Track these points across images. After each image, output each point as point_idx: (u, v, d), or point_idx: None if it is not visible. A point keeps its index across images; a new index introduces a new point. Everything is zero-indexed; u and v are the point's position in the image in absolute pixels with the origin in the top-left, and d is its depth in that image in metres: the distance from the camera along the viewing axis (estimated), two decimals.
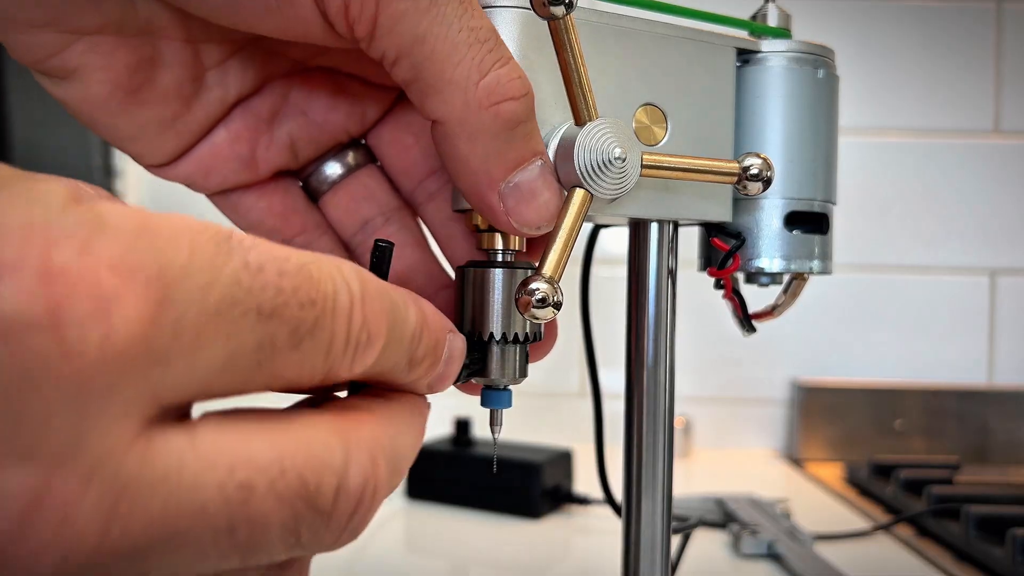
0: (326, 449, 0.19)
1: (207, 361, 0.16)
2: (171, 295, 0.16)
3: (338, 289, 0.19)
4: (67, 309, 0.14)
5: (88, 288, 0.15)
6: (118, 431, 0.15)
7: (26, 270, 0.14)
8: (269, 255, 0.17)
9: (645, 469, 0.32)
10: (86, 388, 0.15)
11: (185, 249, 0.16)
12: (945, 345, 0.88)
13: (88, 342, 0.14)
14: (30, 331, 0.14)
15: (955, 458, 0.77)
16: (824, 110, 0.32)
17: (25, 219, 0.14)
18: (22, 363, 0.14)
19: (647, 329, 0.32)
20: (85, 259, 0.15)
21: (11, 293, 0.14)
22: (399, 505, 0.62)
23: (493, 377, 0.28)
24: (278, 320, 0.17)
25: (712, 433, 0.87)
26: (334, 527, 0.19)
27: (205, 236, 0.17)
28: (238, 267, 0.17)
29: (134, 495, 0.16)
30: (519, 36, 0.27)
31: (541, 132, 0.27)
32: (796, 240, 0.32)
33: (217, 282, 0.16)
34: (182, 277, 0.16)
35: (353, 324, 0.19)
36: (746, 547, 0.52)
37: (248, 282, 0.17)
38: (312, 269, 0.18)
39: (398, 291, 0.22)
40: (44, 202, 0.15)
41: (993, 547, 0.51)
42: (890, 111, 0.88)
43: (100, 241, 0.15)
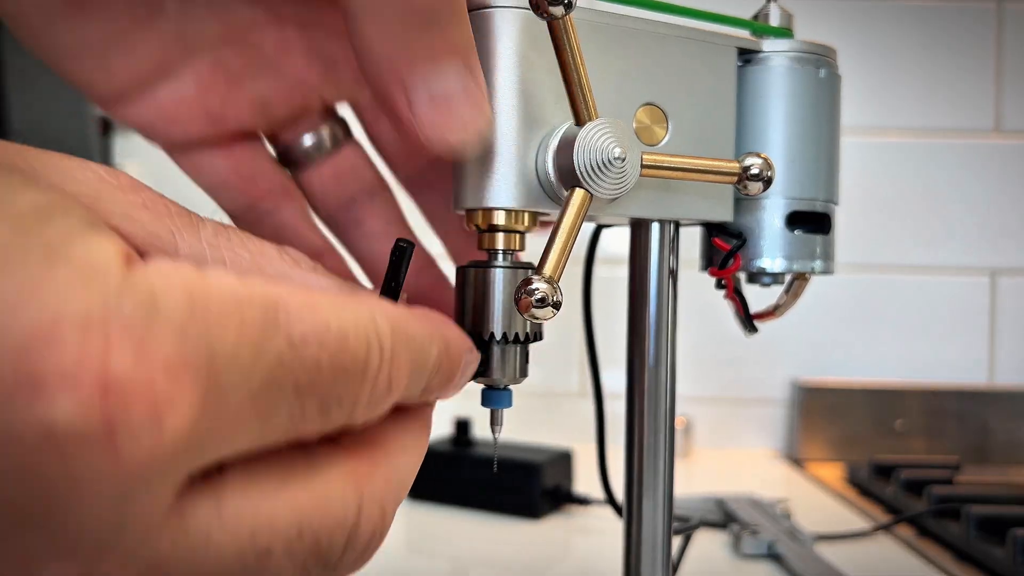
0: (342, 506, 0.19)
1: (241, 439, 0.17)
2: (218, 382, 0.16)
3: (371, 350, 0.19)
4: (122, 421, 0.14)
5: (143, 397, 0.15)
6: (154, 513, 0.16)
7: (83, 381, 0.14)
8: (313, 326, 0.18)
9: (646, 469, 0.32)
10: (131, 486, 0.15)
11: (234, 329, 0.16)
12: (946, 345, 0.88)
13: (139, 449, 0.15)
14: (84, 445, 0.14)
15: (956, 458, 0.76)
16: (826, 109, 0.32)
17: (83, 308, 0.14)
18: (73, 474, 0.14)
19: (648, 329, 0.32)
20: (141, 365, 0.15)
21: (68, 407, 0.14)
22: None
23: (494, 377, 0.28)
24: (311, 395, 0.18)
25: (713, 433, 0.87)
26: (338, 573, 0.20)
27: (254, 311, 0.17)
28: (282, 345, 0.17)
29: (164, 572, 0.16)
30: (518, 36, 0.27)
31: (541, 132, 0.27)
32: (798, 240, 0.32)
33: (261, 362, 0.17)
34: (229, 363, 0.16)
35: (379, 384, 0.19)
36: (746, 547, 0.52)
37: (290, 359, 0.17)
38: (350, 335, 0.18)
39: (424, 324, 0.22)
40: (103, 281, 0.15)
41: (994, 547, 0.51)
42: (891, 111, 0.88)
43: (154, 335, 0.15)
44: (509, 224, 0.27)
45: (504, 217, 0.27)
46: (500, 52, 0.27)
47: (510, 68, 0.27)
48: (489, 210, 0.27)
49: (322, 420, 0.18)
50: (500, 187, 0.27)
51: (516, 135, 0.27)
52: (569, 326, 0.72)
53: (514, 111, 0.27)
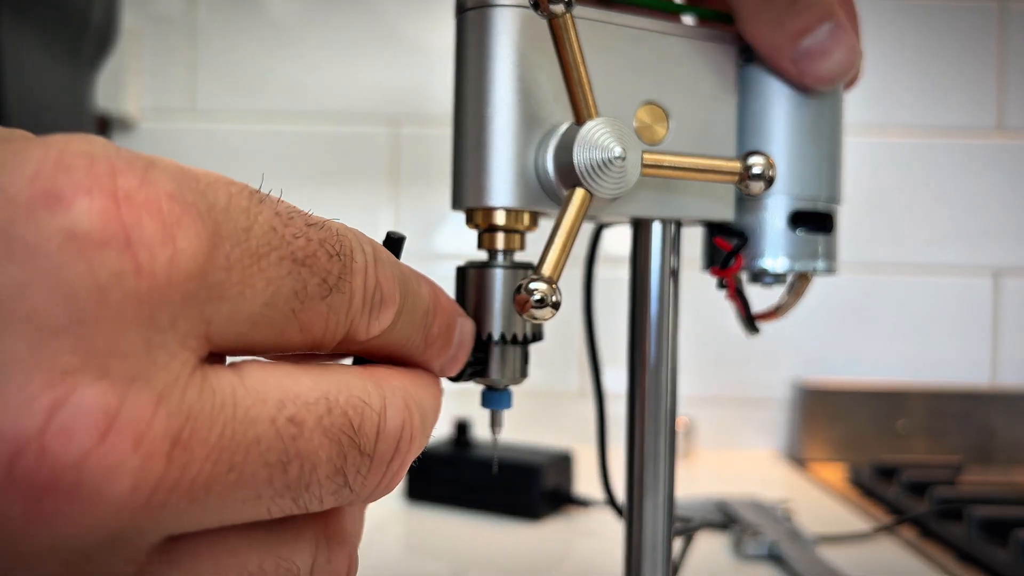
0: (365, 392, 0.19)
1: (251, 302, 0.17)
2: (221, 230, 0.16)
3: (354, 247, 0.20)
4: (137, 230, 0.15)
5: (154, 213, 0.15)
6: (182, 358, 0.16)
7: (96, 192, 0.15)
8: (295, 208, 0.18)
9: (647, 470, 0.31)
10: (156, 310, 0.15)
11: (224, 194, 0.17)
12: (948, 346, 0.87)
13: (157, 263, 0.15)
14: (105, 248, 0.15)
15: (958, 459, 0.76)
16: (828, 108, 0.31)
17: (87, 150, 0.15)
18: (98, 278, 0.15)
19: (649, 329, 0.31)
20: (147, 187, 0.15)
21: (85, 212, 0.15)
22: (398, 507, 0.62)
23: (493, 377, 0.28)
24: (310, 268, 0.18)
25: (714, 434, 0.87)
26: (376, 469, 0.19)
27: (238, 186, 0.18)
28: (271, 215, 0.18)
29: (196, 423, 0.16)
30: (519, 35, 0.26)
31: (541, 131, 0.27)
32: (800, 239, 0.31)
33: (255, 226, 0.17)
34: (226, 217, 0.17)
35: (368, 282, 0.20)
36: (748, 549, 0.52)
37: (281, 230, 0.18)
38: (331, 224, 0.19)
39: (410, 268, 0.23)
40: (100, 142, 0.16)
41: (997, 548, 0.50)
42: (892, 109, 0.88)
43: (156, 174, 0.16)
44: (509, 224, 0.27)
45: (504, 217, 0.27)
46: (500, 51, 0.26)
47: (510, 67, 0.26)
48: (489, 210, 0.27)
49: (326, 306, 0.19)
50: (500, 186, 0.27)
51: (516, 134, 0.27)
52: (569, 326, 0.72)
53: (514, 110, 0.26)
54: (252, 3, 0.89)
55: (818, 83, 0.30)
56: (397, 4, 0.89)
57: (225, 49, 0.89)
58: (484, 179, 0.27)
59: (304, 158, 0.88)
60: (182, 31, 0.89)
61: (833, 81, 0.30)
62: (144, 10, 0.88)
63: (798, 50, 0.29)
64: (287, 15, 0.89)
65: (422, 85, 0.88)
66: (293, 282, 0.18)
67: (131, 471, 0.15)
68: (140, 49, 0.88)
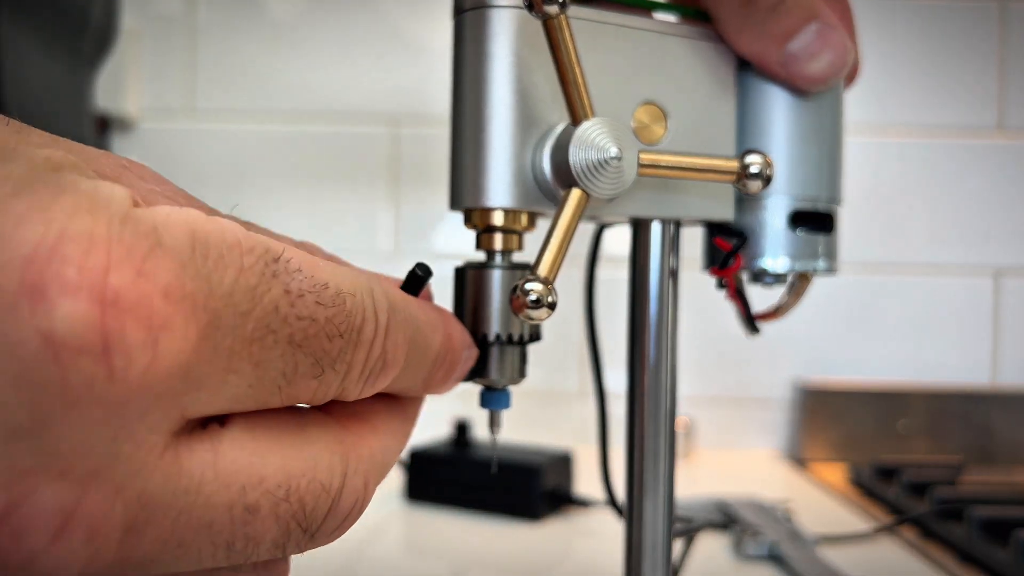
0: (328, 473, 0.19)
1: (235, 385, 0.17)
2: (215, 321, 0.16)
3: (366, 319, 0.19)
4: (118, 336, 0.15)
5: (141, 315, 0.15)
6: (148, 447, 0.16)
7: (83, 292, 0.14)
8: (311, 283, 0.18)
9: (647, 470, 0.31)
10: (124, 409, 0.15)
11: (233, 271, 0.16)
12: (949, 346, 0.87)
13: (133, 368, 0.15)
14: (80, 355, 0.14)
15: (959, 459, 0.76)
16: (829, 108, 0.31)
17: (88, 228, 0.15)
18: (68, 384, 0.14)
19: (649, 329, 0.31)
20: (141, 284, 0.15)
21: (67, 314, 0.14)
22: (398, 507, 0.62)
23: (492, 378, 0.27)
24: (305, 351, 0.18)
25: (714, 434, 0.87)
26: (316, 541, 0.20)
27: (253, 258, 0.17)
28: (279, 295, 0.17)
29: (153, 511, 0.16)
30: (516, 36, 0.26)
31: (538, 132, 0.27)
32: (801, 239, 0.31)
33: (258, 309, 0.17)
34: (226, 302, 0.16)
35: (372, 355, 0.20)
36: (748, 549, 0.52)
37: (286, 311, 0.17)
38: (347, 298, 0.19)
39: (428, 312, 0.22)
40: (107, 209, 0.15)
41: (997, 548, 0.50)
42: (893, 109, 0.88)
43: (156, 261, 0.15)
44: (507, 224, 0.27)
45: (502, 217, 0.27)
46: (498, 51, 0.26)
47: (508, 67, 0.26)
48: (487, 210, 0.27)
49: (316, 382, 0.19)
50: (497, 187, 0.27)
51: (514, 135, 0.27)
52: (569, 326, 0.72)
53: (511, 111, 0.26)
54: (252, 3, 0.89)
55: (810, 85, 0.30)
56: (397, 4, 0.89)
57: (225, 49, 0.89)
58: (482, 179, 0.27)
59: (304, 158, 0.88)
60: (182, 31, 0.89)
61: (825, 82, 0.30)
62: (144, 10, 0.88)
63: (785, 54, 0.29)
64: (287, 15, 0.89)
65: (422, 85, 0.88)
66: (284, 364, 0.18)
67: (81, 561, 0.15)
68: (140, 49, 0.88)
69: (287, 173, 0.88)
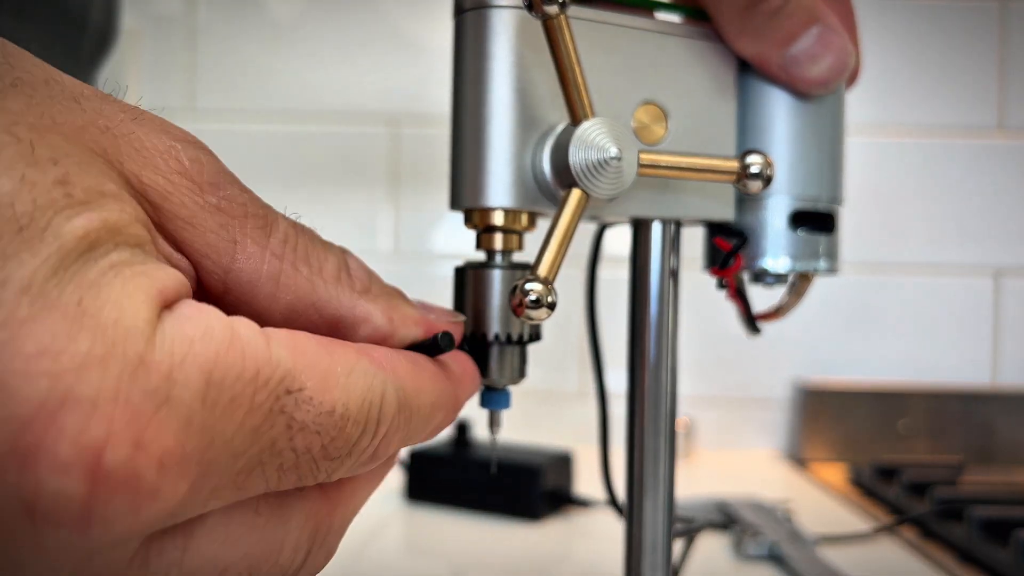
0: (293, 552, 0.20)
1: (215, 505, 0.17)
2: (207, 470, 0.16)
3: (364, 434, 0.19)
4: (102, 509, 0.15)
5: (130, 489, 0.15)
6: (117, 565, 0.16)
7: (75, 469, 0.14)
8: (317, 410, 0.18)
9: (647, 470, 0.31)
10: (98, 555, 0.15)
11: (240, 414, 0.16)
12: (949, 346, 0.87)
13: (111, 532, 0.15)
14: (59, 527, 0.14)
15: (959, 459, 0.76)
16: (830, 108, 0.31)
17: (94, 391, 0.14)
18: (42, 547, 0.14)
19: (649, 329, 0.31)
20: (137, 458, 0.15)
21: (53, 490, 0.14)
22: (398, 507, 0.62)
23: (492, 378, 0.27)
24: (292, 474, 0.18)
25: (715, 434, 0.87)
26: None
27: (267, 392, 0.17)
28: (280, 431, 0.17)
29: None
30: (517, 36, 0.26)
31: (538, 132, 0.27)
32: (801, 240, 0.31)
33: (254, 448, 0.17)
34: (224, 451, 0.16)
35: (361, 459, 0.20)
36: (748, 549, 0.52)
37: (283, 445, 0.17)
38: (352, 417, 0.19)
39: (439, 392, 0.23)
40: (123, 356, 0.15)
41: (997, 549, 0.50)
42: (893, 109, 0.88)
43: (159, 427, 0.15)
44: (507, 224, 0.27)
45: (502, 217, 0.27)
46: (497, 52, 0.26)
47: (508, 68, 0.26)
48: (486, 210, 0.27)
49: (298, 485, 0.19)
50: (497, 187, 0.27)
51: (514, 135, 0.27)
52: (569, 326, 0.72)
53: (511, 111, 0.26)
54: (252, 3, 0.89)
55: (811, 88, 0.30)
56: (397, 4, 0.89)
57: (225, 49, 0.89)
58: (482, 179, 0.27)
59: (304, 158, 0.88)
60: (182, 31, 0.89)
61: (827, 85, 0.30)
62: (144, 10, 0.88)
63: (786, 57, 0.29)
64: (287, 15, 0.89)
65: (422, 85, 0.88)
66: (266, 484, 0.18)
67: None
68: (140, 49, 0.88)
69: (287, 173, 0.88)
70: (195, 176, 0.19)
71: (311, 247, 0.21)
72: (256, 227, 0.20)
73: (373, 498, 0.22)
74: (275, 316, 0.20)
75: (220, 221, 0.19)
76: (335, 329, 0.21)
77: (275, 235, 0.20)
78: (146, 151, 0.18)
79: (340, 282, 0.21)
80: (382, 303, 0.22)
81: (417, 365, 0.22)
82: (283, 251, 0.20)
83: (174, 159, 0.19)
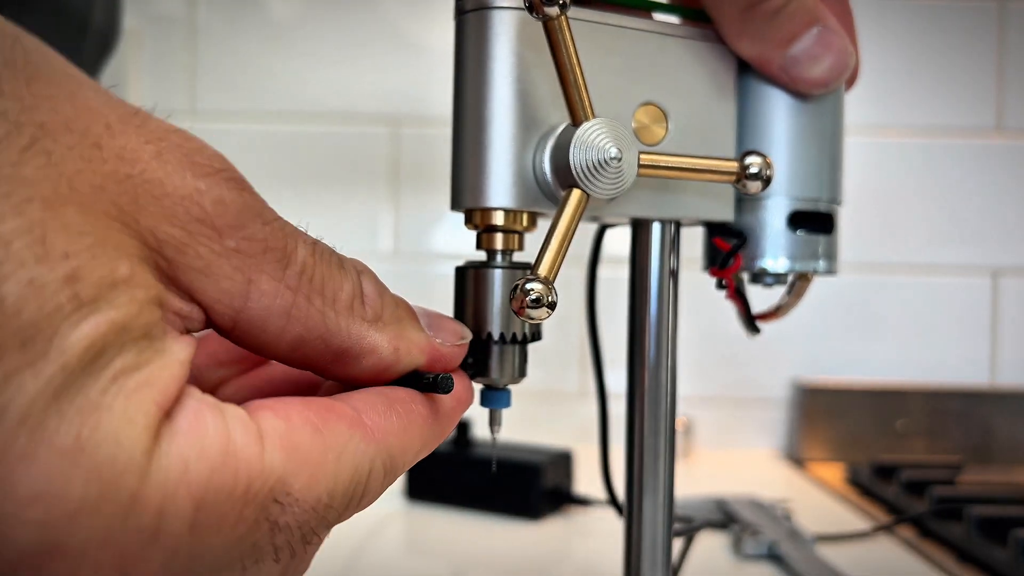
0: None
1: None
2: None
3: (349, 507, 0.20)
4: None
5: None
6: None
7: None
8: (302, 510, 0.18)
9: (646, 470, 0.31)
10: None
11: (228, 528, 0.17)
12: (947, 345, 0.87)
13: None
14: None
15: (957, 459, 0.76)
16: (829, 109, 0.31)
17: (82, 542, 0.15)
18: None
19: (648, 329, 0.31)
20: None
21: None
22: (398, 507, 0.62)
23: (492, 377, 0.28)
24: (268, 558, 0.19)
25: (713, 433, 0.87)
26: None
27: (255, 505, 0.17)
28: (262, 535, 0.18)
29: None
30: (517, 37, 0.26)
31: (539, 132, 0.27)
32: (801, 240, 0.31)
33: (234, 551, 0.17)
34: (206, 564, 0.17)
35: (342, 520, 0.20)
36: (747, 548, 0.52)
37: (263, 544, 0.18)
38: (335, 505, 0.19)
39: (428, 438, 0.23)
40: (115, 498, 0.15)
41: (995, 548, 0.50)
42: (892, 110, 0.88)
43: (145, 562, 0.16)
44: (507, 224, 0.27)
45: (502, 217, 0.27)
46: (497, 53, 0.27)
47: (508, 69, 0.27)
48: (487, 210, 0.27)
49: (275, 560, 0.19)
50: (498, 187, 0.27)
51: (514, 135, 0.27)
52: (569, 326, 0.72)
53: (511, 111, 0.27)
54: (252, 3, 0.89)
55: (812, 88, 0.30)
56: (397, 4, 0.89)
57: (225, 50, 0.89)
58: (482, 180, 0.27)
59: (304, 158, 0.88)
60: (182, 32, 0.89)
61: (827, 85, 0.30)
62: (144, 10, 0.88)
63: (787, 58, 0.29)
64: (287, 15, 0.89)
65: (422, 85, 0.88)
66: (243, 571, 0.18)
67: None
68: (140, 50, 0.88)
69: (287, 173, 0.88)
70: (215, 221, 0.18)
71: (328, 274, 0.21)
72: (273, 261, 0.19)
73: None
74: (282, 348, 0.20)
75: (236, 264, 0.19)
76: (340, 359, 0.21)
77: (292, 267, 0.20)
78: (166, 199, 0.18)
79: (352, 312, 0.21)
80: (390, 332, 0.22)
81: (409, 420, 0.22)
82: (298, 283, 0.20)
83: (195, 204, 0.18)
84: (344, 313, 0.21)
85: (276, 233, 0.20)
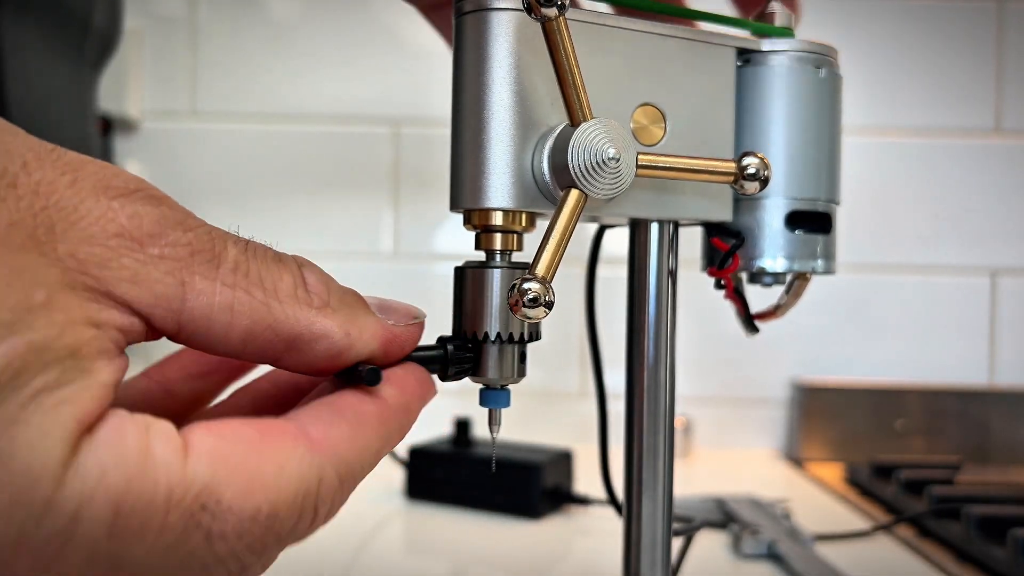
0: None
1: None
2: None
3: (302, 519, 0.20)
4: None
5: None
6: None
7: None
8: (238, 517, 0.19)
9: (645, 469, 0.32)
10: None
11: (152, 536, 0.17)
12: (946, 345, 0.88)
13: None
14: None
15: (956, 458, 0.76)
16: (827, 109, 0.32)
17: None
18: None
19: (647, 329, 0.32)
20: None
21: None
22: (398, 506, 0.62)
23: (490, 377, 0.28)
24: (220, 569, 0.19)
25: (713, 433, 0.87)
26: None
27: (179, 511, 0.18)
28: (198, 543, 0.18)
29: None
30: (516, 38, 0.27)
31: (537, 133, 0.27)
32: (799, 240, 0.31)
33: (171, 560, 0.18)
34: (135, 572, 0.18)
35: (307, 534, 0.21)
36: (746, 547, 0.52)
37: (203, 552, 0.18)
38: (279, 515, 0.20)
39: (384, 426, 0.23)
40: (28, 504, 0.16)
41: (994, 547, 0.51)
42: (891, 110, 0.88)
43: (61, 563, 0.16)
44: (506, 224, 0.27)
45: (501, 217, 0.27)
46: (496, 54, 0.27)
47: (506, 70, 0.27)
48: (486, 210, 0.27)
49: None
50: (497, 188, 0.27)
51: (512, 136, 0.27)
52: (568, 325, 0.72)
53: (510, 112, 0.27)
54: (253, 4, 0.89)
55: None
56: (397, 5, 0.89)
57: (226, 50, 0.89)
58: (481, 180, 0.27)
59: (304, 159, 0.88)
60: (183, 32, 0.89)
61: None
62: (146, 11, 0.88)
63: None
64: (288, 16, 0.89)
65: (422, 86, 0.88)
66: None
67: None
68: (141, 50, 0.88)
69: (288, 174, 0.88)
70: (134, 233, 0.19)
71: (264, 268, 0.21)
72: (203, 262, 0.20)
73: (373, 496, 0.22)
74: (233, 343, 0.21)
75: (165, 269, 0.19)
76: (293, 347, 0.22)
77: (224, 265, 0.20)
78: (82, 222, 0.18)
79: (297, 300, 0.22)
80: (340, 317, 0.22)
81: (359, 423, 0.22)
82: (235, 279, 0.20)
83: (111, 222, 0.19)
84: (288, 302, 0.21)
85: (201, 237, 0.20)
